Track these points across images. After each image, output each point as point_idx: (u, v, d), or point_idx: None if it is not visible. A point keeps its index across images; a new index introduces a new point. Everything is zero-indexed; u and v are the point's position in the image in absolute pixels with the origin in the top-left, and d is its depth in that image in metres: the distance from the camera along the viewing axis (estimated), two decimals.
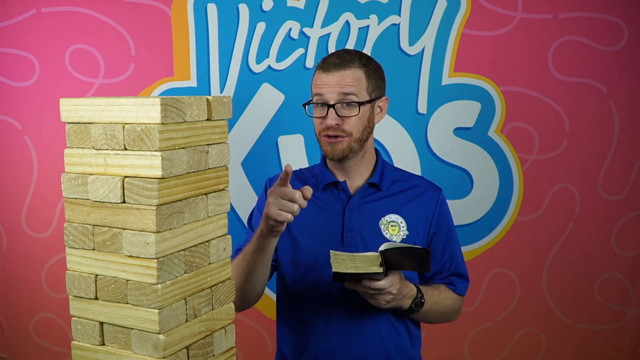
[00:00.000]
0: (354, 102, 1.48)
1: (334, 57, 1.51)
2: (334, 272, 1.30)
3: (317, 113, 1.52)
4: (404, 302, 1.45)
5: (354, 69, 1.48)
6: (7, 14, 2.25)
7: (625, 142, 2.36)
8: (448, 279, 1.62)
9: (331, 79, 1.47)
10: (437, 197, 1.61)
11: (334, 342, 1.54)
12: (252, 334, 2.36)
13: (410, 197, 1.59)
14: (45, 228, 2.34)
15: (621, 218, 2.40)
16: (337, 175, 1.59)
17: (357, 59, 1.51)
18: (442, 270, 1.62)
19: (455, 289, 1.63)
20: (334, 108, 1.47)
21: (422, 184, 1.63)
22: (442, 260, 1.62)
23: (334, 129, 1.48)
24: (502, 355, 2.46)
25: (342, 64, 1.48)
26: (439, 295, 1.56)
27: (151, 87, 2.26)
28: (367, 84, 1.50)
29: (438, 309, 1.56)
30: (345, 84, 1.47)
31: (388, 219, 1.55)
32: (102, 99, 0.94)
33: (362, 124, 1.50)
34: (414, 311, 1.49)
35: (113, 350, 0.97)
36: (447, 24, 2.27)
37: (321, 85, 1.49)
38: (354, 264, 1.33)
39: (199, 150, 0.98)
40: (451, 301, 1.61)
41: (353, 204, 1.56)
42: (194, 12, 2.23)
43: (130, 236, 0.92)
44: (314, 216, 1.56)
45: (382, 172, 1.60)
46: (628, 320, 2.44)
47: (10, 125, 2.30)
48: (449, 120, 2.32)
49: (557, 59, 2.31)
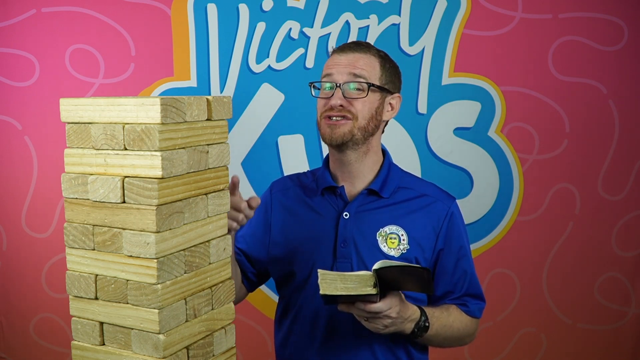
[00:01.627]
0: (363, 83, 1.37)
1: (350, 42, 1.44)
2: (322, 294, 1.18)
3: (323, 94, 1.40)
4: (405, 327, 1.29)
5: (369, 55, 1.40)
6: (7, 14, 2.25)
7: (625, 142, 2.36)
8: (461, 300, 1.46)
9: (343, 59, 1.39)
10: (448, 209, 1.44)
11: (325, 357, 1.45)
12: (252, 334, 2.36)
13: (416, 207, 1.43)
14: (45, 228, 2.34)
15: (621, 218, 2.40)
16: (338, 177, 1.47)
17: (374, 49, 1.43)
18: (454, 290, 1.45)
19: (468, 311, 1.46)
20: (341, 88, 1.36)
21: (433, 193, 1.46)
22: (454, 279, 1.45)
23: (338, 109, 1.36)
24: (502, 355, 2.46)
25: (358, 47, 1.40)
26: (447, 318, 1.40)
27: (151, 87, 2.26)
28: (380, 73, 1.41)
29: (447, 333, 1.40)
30: (358, 65, 1.37)
31: (387, 231, 1.40)
32: (102, 99, 0.94)
33: (369, 110, 1.38)
34: (417, 336, 1.33)
35: (113, 350, 0.97)
36: (447, 24, 2.27)
37: (332, 65, 1.40)
38: (344, 285, 1.19)
39: (199, 150, 0.98)
40: (463, 324, 1.44)
41: (349, 212, 1.42)
42: (194, 12, 2.23)
43: (130, 236, 0.92)
44: (310, 224, 1.46)
45: (386, 177, 1.45)
46: (628, 320, 2.44)
47: (10, 125, 2.30)
48: (449, 120, 2.32)
49: (557, 59, 2.31)
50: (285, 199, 1.54)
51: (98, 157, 0.95)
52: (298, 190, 1.53)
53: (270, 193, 1.57)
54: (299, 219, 1.49)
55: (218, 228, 1.05)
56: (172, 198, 0.93)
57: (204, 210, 1.01)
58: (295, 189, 1.54)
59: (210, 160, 1.01)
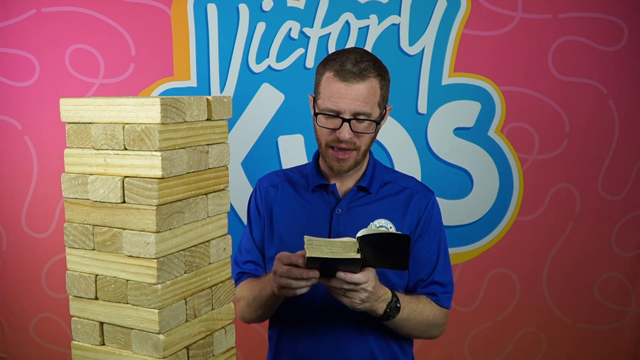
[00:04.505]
0: (371, 121, 1.42)
1: (349, 63, 1.40)
2: (309, 256, 1.20)
3: (330, 124, 1.42)
4: (378, 306, 1.35)
5: (370, 80, 1.40)
6: (7, 14, 2.25)
7: (625, 142, 2.36)
8: (429, 288, 1.51)
9: (349, 91, 1.38)
10: (428, 200, 1.53)
11: (319, 348, 1.49)
12: (252, 334, 2.36)
13: (400, 200, 1.52)
14: (45, 228, 2.34)
15: (621, 218, 2.40)
16: (329, 176, 1.53)
17: (372, 66, 1.41)
18: (424, 277, 1.51)
19: (437, 300, 1.50)
20: (348, 122, 1.40)
21: (413, 185, 1.55)
22: (424, 266, 1.51)
23: (346, 142, 1.41)
24: (502, 355, 2.46)
25: (360, 75, 1.39)
26: (417, 304, 1.45)
27: (151, 87, 2.26)
28: (380, 96, 1.43)
29: (417, 319, 1.44)
30: (363, 100, 1.39)
31: (377, 224, 1.48)
32: (102, 99, 0.94)
33: (371, 138, 1.46)
34: (389, 317, 1.38)
35: (113, 350, 0.97)
36: (447, 24, 2.27)
37: (337, 97, 1.39)
38: (330, 249, 1.24)
39: (199, 150, 0.98)
40: (432, 312, 1.48)
41: (341, 208, 1.50)
42: (194, 12, 2.23)
43: (130, 236, 0.92)
44: (302, 220, 1.51)
45: (372, 174, 1.53)
46: (628, 320, 2.44)
47: (10, 125, 2.30)
48: (449, 120, 2.32)
49: (557, 59, 2.31)
50: (274, 194, 1.56)
51: (98, 157, 0.95)
52: (287, 186, 1.56)
53: (258, 190, 1.59)
54: (290, 214, 1.52)
55: (218, 228, 1.05)
56: (172, 198, 0.93)
57: (204, 210, 1.01)
58: (284, 185, 1.57)
59: (210, 160, 1.01)
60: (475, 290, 2.41)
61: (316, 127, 1.46)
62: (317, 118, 1.44)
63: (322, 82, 1.43)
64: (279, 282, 1.30)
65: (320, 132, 1.45)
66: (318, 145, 1.49)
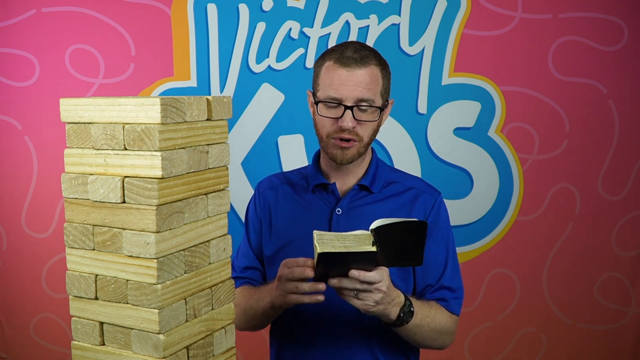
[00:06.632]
0: (374, 107, 1.36)
1: (350, 50, 1.36)
2: (320, 252, 1.10)
3: (331, 113, 1.36)
4: (391, 310, 1.26)
5: (372, 67, 1.36)
6: (7, 14, 2.25)
7: (625, 142, 2.36)
8: (439, 293, 1.44)
9: (351, 77, 1.34)
10: (434, 201, 1.46)
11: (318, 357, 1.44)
12: (252, 334, 2.35)
13: (404, 200, 1.45)
14: (45, 228, 2.34)
15: (621, 218, 2.40)
16: (329, 174, 1.47)
17: (373, 55, 1.38)
18: (432, 282, 1.44)
19: (447, 306, 1.43)
20: (351, 110, 1.35)
21: (419, 185, 1.48)
22: (432, 270, 1.44)
23: (349, 132, 1.36)
24: (502, 355, 2.46)
25: (361, 61, 1.35)
26: (429, 310, 1.37)
27: (151, 87, 2.26)
28: (382, 85, 1.39)
29: (429, 325, 1.37)
30: (366, 86, 1.35)
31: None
32: (102, 99, 0.94)
33: (374, 129, 1.40)
34: (403, 322, 1.29)
35: (113, 350, 0.97)
36: (447, 24, 2.27)
37: (339, 84, 1.35)
38: (342, 244, 1.13)
39: (199, 150, 0.98)
40: (444, 319, 1.41)
41: (342, 208, 1.44)
42: (194, 12, 2.23)
43: (130, 236, 0.92)
44: (300, 221, 1.46)
45: (375, 173, 1.47)
46: (628, 320, 2.44)
47: (10, 125, 2.30)
48: (449, 120, 2.32)
49: (557, 59, 2.31)
50: (273, 196, 1.53)
51: (98, 157, 0.95)
52: (287, 188, 1.52)
53: (257, 193, 1.56)
54: (289, 216, 1.49)
55: (218, 228, 1.04)
56: (172, 198, 0.93)
57: (204, 210, 1.01)
58: (284, 187, 1.53)
59: (210, 160, 1.01)
60: (475, 290, 2.41)
61: (316, 119, 1.41)
62: (318, 108, 1.38)
63: (321, 73, 1.39)
64: (285, 287, 1.25)
65: (321, 123, 1.39)
66: (319, 139, 1.42)
